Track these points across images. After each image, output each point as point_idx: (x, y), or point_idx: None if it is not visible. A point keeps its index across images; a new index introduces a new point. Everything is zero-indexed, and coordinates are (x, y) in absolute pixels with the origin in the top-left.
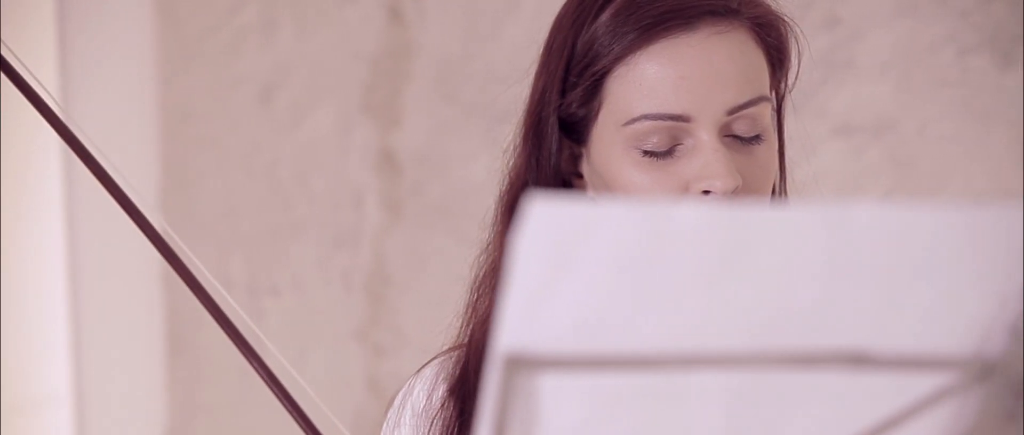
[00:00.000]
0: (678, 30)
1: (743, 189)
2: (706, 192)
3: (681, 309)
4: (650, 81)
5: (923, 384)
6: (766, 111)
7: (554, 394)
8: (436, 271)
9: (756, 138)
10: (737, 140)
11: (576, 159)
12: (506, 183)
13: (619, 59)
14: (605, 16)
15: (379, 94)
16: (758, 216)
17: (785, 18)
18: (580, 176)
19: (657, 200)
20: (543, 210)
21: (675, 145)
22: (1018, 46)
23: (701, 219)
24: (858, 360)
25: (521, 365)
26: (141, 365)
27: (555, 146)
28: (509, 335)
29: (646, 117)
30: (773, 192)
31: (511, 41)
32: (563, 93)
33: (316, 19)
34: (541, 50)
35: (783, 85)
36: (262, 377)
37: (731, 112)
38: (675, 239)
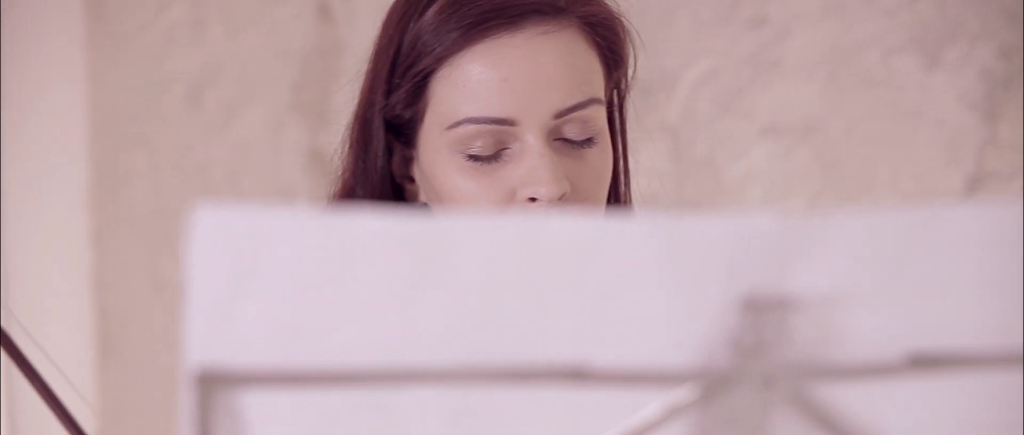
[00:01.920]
0: (502, 30)
1: (572, 195)
2: (532, 199)
3: (376, 322)
4: (473, 83)
5: (652, 400)
6: (599, 114)
7: (261, 412)
8: None
9: (588, 142)
10: (567, 144)
11: (408, 163)
12: (336, 188)
13: (442, 59)
14: (429, 14)
15: (309, 93)
16: (450, 226)
17: (620, 17)
18: (413, 180)
19: (481, 206)
20: (214, 220)
21: (502, 149)
22: (944, 46)
23: (388, 230)
24: (577, 375)
25: (215, 382)
26: (71, 370)
27: (382, 149)
28: (197, 351)
29: (469, 121)
30: (615, 197)
31: None
32: (388, 94)
33: (245, 17)
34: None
35: (623, 86)
36: None
37: (559, 115)
38: (362, 250)
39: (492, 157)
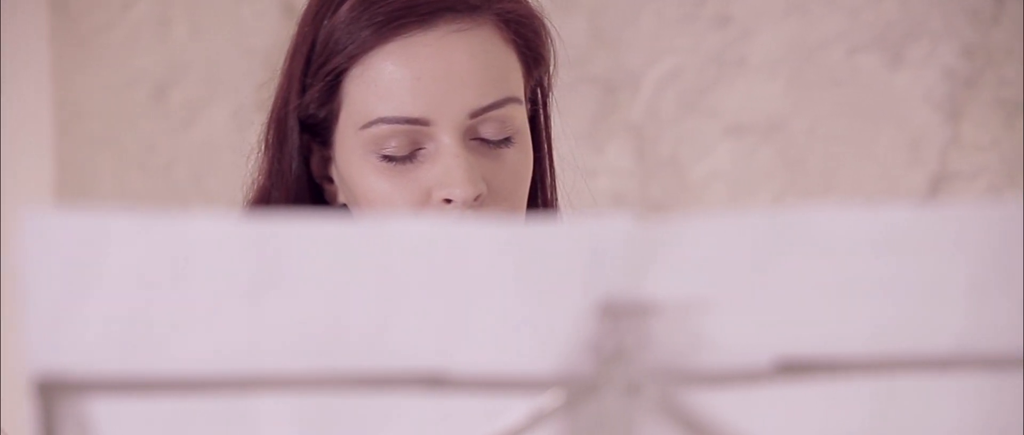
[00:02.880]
0: (414, 28)
1: (490, 196)
2: (447, 201)
3: (222, 327)
4: (386, 82)
5: (514, 407)
6: (516, 113)
7: (111, 420)
8: None
9: (505, 141)
10: (484, 144)
11: (327, 163)
12: (251, 191)
13: (354, 58)
14: (342, 11)
15: (273, 91)
16: (295, 229)
17: (540, 14)
18: (332, 181)
19: (396, 207)
20: (46, 225)
21: (417, 149)
22: (907, 45)
23: (230, 233)
24: (435, 382)
25: (58, 390)
26: None
27: (297, 150)
28: (36, 358)
29: (382, 121)
30: (538, 198)
31: None
32: (302, 93)
33: (210, 16)
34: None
35: (546, 84)
36: None
37: (474, 115)
38: (203, 253)
39: (407, 157)
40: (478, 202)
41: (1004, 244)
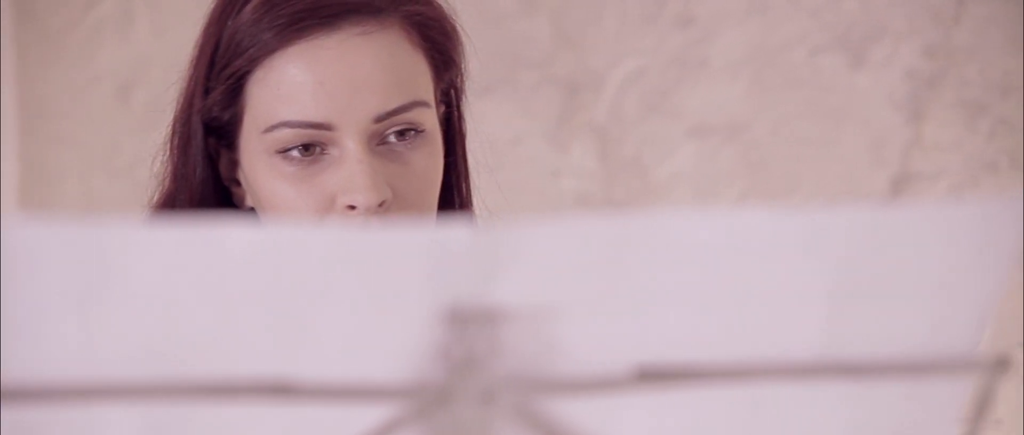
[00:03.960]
0: (317, 31)
1: (395, 202)
2: (351, 207)
3: (55, 335)
4: (288, 86)
5: (364, 416)
6: (424, 117)
7: None
8: None
9: (413, 146)
10: (391, 148)
11: (234, 166)
12: (156, 194)
13: (257, 61)
14: (246, 12)
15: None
16: (126, 235)
17: (449, 16)
18: (239, 184)
19: (300, 212)
20: None
21: (321, 154)
22: (869, 45)
23: (59, 237)
24: (281, 390)
25: None
26: None
27: (202, 153)
28: None
29: (285, 125)
30: (454, 201)
31: None
32: (207, 95)
33: (172, 14)
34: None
35: (459, 86)
36: None
37: (379, 119)
38: (32, 259)
39: (311, 162)
40: (383, 208)
41: (863, 250)
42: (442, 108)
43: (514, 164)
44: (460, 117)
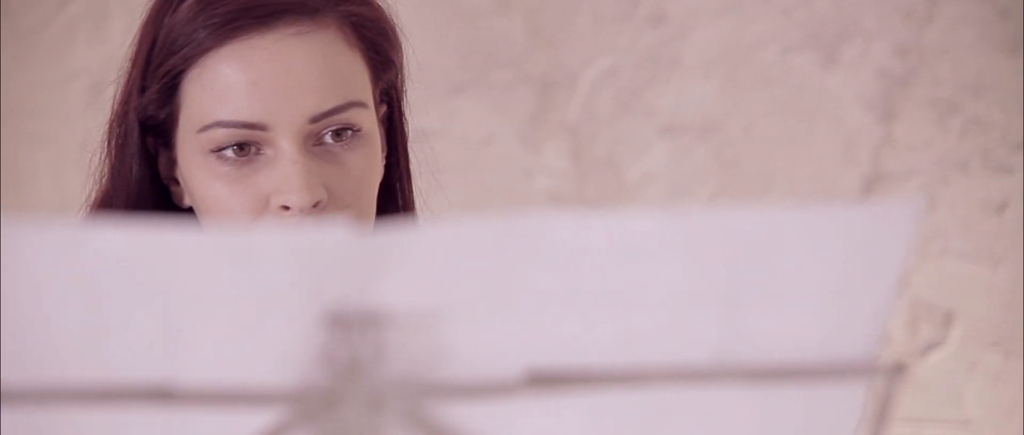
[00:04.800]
0: (251, 30)
1: (331, 203)
2: (285, 208)
3: None
4: (222, 86)
5: (249, 421)
6: (361, 117)
7: None
8: None
9: (349, 147)
10: (327, 149)
11: (172, 165)
12: (94, 193)
13: (191, 60)
14: (182, 10)
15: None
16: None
17: (387, 15)
18: (178, 183)
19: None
20: None
21: (256, 154)
22: (841, 44)
23: None
24: (161, 395)
25: None
26: None
27: (138, 152)
28: None
29: (219, 125)
30: (396, 203)
31: None
32: (143, 92)
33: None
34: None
35: (399, 86)
36: None
37: (314, 120)
38: None
39: (245, 162)
40: (317, 209)
41: (753, 254)
42: (383, 108)
43: (487, 163)
44: (401, 117)
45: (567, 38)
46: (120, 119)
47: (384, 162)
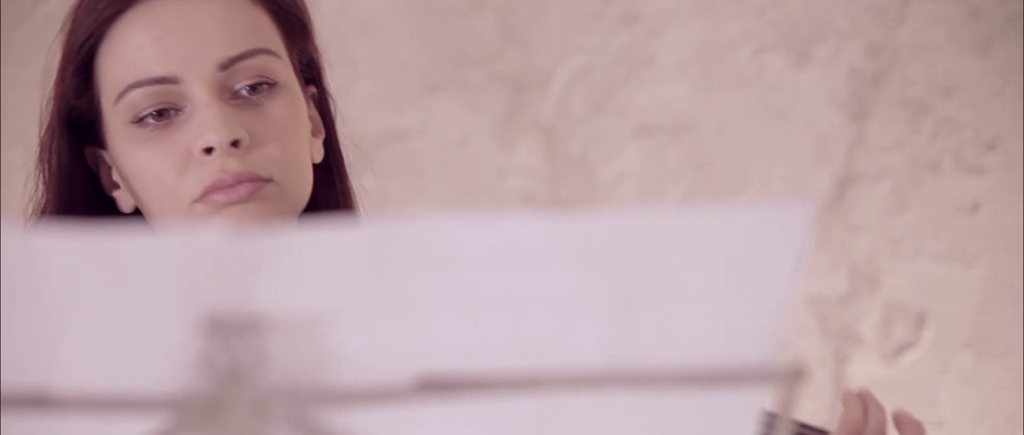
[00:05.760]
0: None
1: (254, 144)
2: (207, 151)
3: None
4: (130, 51)
5: (130, 428)
6: (274, 67)
7: None
8: None
9: (264, 92)
10: (243, 99)
11: (111, 170)
12: (32, 202)
13: (98, 35)
14: None
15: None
16: None
17: None
18: (120, 187)
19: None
20: None
21: (175, 114)
22: (813, 44)
23: None
24: (39, 402)
25: None
26: None
27: (66, 155)
28: None
29: (131, 87)
30: (334, 183)
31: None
32: (63, 84)
33: None
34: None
35: (317, 57)
36: None
37: (223, 66)
38: None
39: (165, 124)
40: (240, 148)
41: (642, 257)
42: (312, 89)
43: (461, 163)
44: (327, 95)
45: (540, 37)
46: (50, 125)
47: (321, 143)
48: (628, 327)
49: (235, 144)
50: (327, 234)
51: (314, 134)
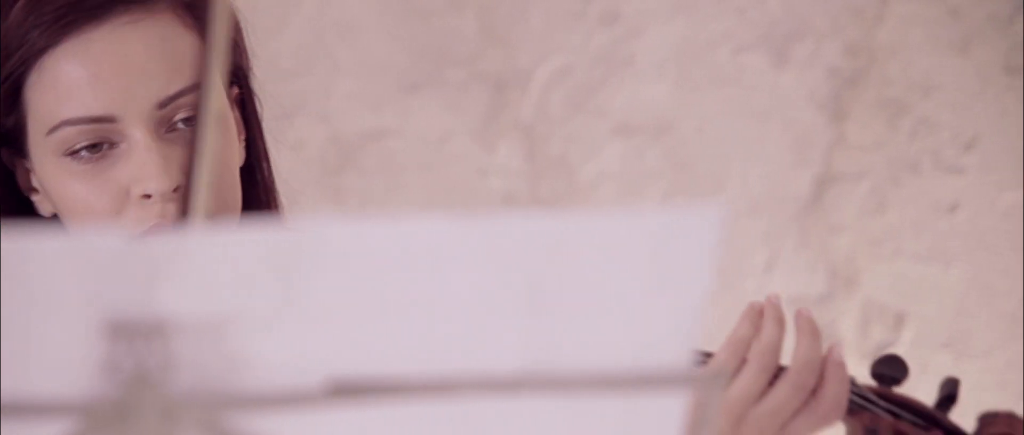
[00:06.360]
0: (85, 24)
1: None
2: (146, 196)
3: None
4: (65, 84)
5: (36, 432)
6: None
7: None
8: None
9: None
10: (181, 134)
11: (29, 174)
12: None
13: (29, 62)
14: (13, 13)
15: None
16: None
17: None
18: (38, 192)
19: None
20: None
21: (110, 148)
22: (792, 44)
23: None
24: None
25: None
26: None
27: None
28: None
29: (67, 123)
30: (256, 182)
31: (296, 34)
32: None
33: None
34: None
35: (244, 65)
36: None
37: (162, 104)
38: None
39: (100, 158)
40: (178, 193)
41: (553, 260)
42: (235, 90)
43: (441, 163)
44: (252, 97)
45: (520, 37)
46: None
47: (243, 144)
48: (541, 330)
49: (175, 189)
50: (231, 236)
51: (238, 137)
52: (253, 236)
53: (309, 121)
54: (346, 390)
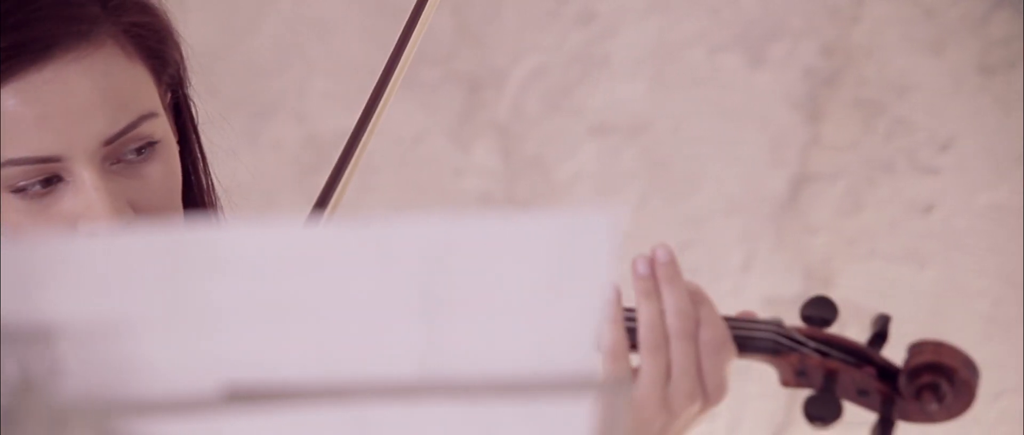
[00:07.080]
0: (28, 64)
1: (138, 212)
2: None
3: None
4: (9, 124)
5: None
6: (154, 127)
7: None
8: None
9: (149, 159)
10: (127, 165)
11: None
12: None
13: None
14: None
15: None
16: None
17: (160, 13)
18: None
19: None
20: None
21: (57, 183)
22: (768, 44)
23: None
24: None
25: None
26: None
27: None
28: None
29: (12, 163)
30: (192, 185)
31: (272, 33)
32: None
33: None
34: None
35: (182, 81)
36: None
37: (108, 142)
38: None
39: (46, 193)
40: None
41: (451, 263)
42: (169, 96)
43: (416, 163)
44: (186, 100)
45: (496, 37)
46: None
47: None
48: (438, 335)
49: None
50: (116, 240)
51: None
52: (142, 239)
53: (285, 120)
54: (239, 396)
